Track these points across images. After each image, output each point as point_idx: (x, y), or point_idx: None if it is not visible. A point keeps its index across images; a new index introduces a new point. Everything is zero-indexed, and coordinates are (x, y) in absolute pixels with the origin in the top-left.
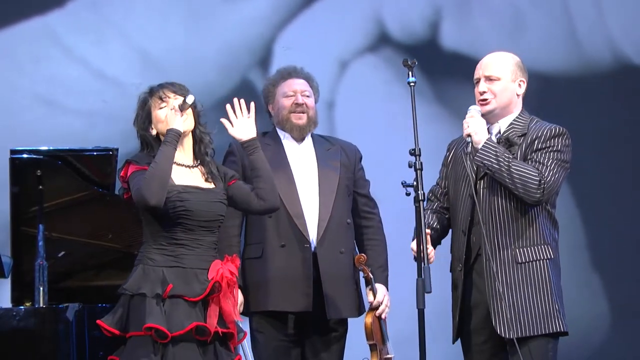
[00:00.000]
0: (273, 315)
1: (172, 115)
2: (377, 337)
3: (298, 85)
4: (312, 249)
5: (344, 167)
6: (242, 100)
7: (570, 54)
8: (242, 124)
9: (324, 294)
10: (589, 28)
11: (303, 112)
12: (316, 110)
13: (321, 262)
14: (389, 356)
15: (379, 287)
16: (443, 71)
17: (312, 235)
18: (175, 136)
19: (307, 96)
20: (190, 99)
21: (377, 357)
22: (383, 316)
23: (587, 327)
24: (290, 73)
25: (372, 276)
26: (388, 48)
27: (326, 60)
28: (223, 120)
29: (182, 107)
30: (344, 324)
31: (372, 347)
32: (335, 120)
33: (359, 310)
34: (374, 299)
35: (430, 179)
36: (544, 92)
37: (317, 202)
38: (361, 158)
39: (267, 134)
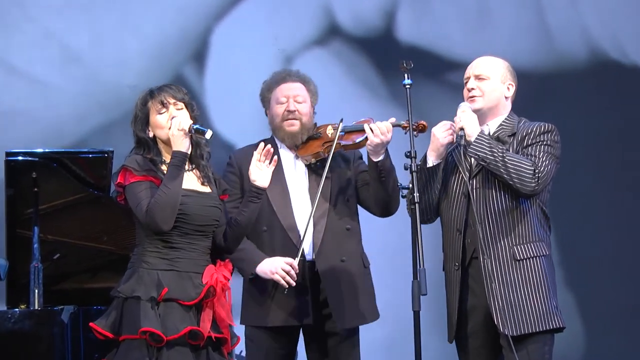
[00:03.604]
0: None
1: (179, 136)
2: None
3: (291, 90)
4: (310, 259)
5: (338, 172)
6: (271, 150)
7: (542, 48)
8: (261, 170)
9: (329, 305)
10: (562, 19)
11: (295, 119)
12: (311, 115)
13: (322, 273)
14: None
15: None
16: (399, 67)
17: (309, 246)
18: (184, 159)
19: (300, 102)
20: (208, 135)
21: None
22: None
23: (562, 347)
24: (284, 77)
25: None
26: (338, 41)
27: (269, 55)
28: (254, 153)
29: (192, 132)
30: (353, 329)
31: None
32: None
33: (372, 314)
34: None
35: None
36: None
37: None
38: (361, 156)
39: (266, 142)
